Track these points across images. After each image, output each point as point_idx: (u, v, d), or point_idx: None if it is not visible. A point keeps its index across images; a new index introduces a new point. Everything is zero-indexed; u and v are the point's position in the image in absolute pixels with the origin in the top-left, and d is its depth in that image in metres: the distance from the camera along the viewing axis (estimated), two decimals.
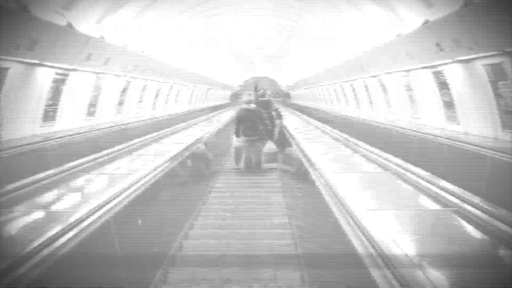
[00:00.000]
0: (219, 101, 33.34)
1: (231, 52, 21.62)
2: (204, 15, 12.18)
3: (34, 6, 5.50)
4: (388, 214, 2.73)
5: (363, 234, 2.23)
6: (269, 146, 8.73)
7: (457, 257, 2.06)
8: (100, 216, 2.94)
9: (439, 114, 8.34)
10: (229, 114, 16.45)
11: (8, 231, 2.59)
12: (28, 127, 7.06)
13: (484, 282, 1.82)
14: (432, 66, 7.85)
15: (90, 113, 9.58)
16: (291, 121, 12.34)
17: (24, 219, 2.82)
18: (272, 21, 14.18)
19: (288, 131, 8.96)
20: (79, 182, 4.32)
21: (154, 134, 8.51)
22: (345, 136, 7.04)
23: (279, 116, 10.87)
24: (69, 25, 6.58)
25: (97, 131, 8.73)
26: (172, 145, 7.03)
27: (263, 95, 9.98)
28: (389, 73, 10.42)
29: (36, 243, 2.07)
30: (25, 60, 6.40)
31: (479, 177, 5.54)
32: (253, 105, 8.30)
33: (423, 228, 2.56)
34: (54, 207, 3.49)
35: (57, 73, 7.54)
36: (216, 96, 31.72)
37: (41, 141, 6.77)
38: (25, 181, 4.04)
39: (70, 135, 7.66)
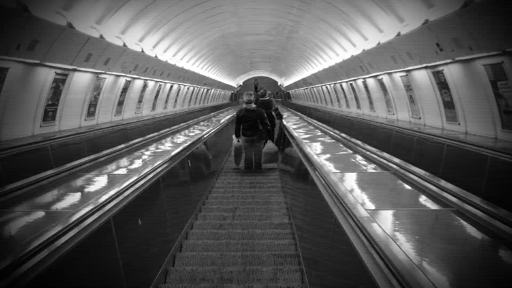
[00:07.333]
0: (219, 101, 33.33)
1: (231, 52, 21.61)
2: (204, 15, 12.19)
3: (34, 6, 5.49)
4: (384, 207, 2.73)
5: (363, 233, 2.23)
6: (269, 146, 8.73)
7: (457, 257, 2.06)
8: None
9: (439, 114, 8.34)
10: (229, 114, 16.45)
11: (8, 231, 2.59)
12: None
13: (484, 282, 1.82)
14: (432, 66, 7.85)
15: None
16: (291, 121, 12.31)
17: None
18: (272, 21, 14.17)
19: (288, 130, 8.95)
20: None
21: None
22: (344, 135, 7.04)
23: (279, 116, 10.87)
24: (69, 25, 6.58)
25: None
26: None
27: (263, 95, 9.98)
28: (389, 73, 10.42)
29: (36, 243, 2.06)
30: (27, 61, 6.40)
31: (479, 177, 5.54)
32: (253, 105, 8.29)
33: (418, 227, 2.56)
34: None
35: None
36: (216, 96, 31.71)
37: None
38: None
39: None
